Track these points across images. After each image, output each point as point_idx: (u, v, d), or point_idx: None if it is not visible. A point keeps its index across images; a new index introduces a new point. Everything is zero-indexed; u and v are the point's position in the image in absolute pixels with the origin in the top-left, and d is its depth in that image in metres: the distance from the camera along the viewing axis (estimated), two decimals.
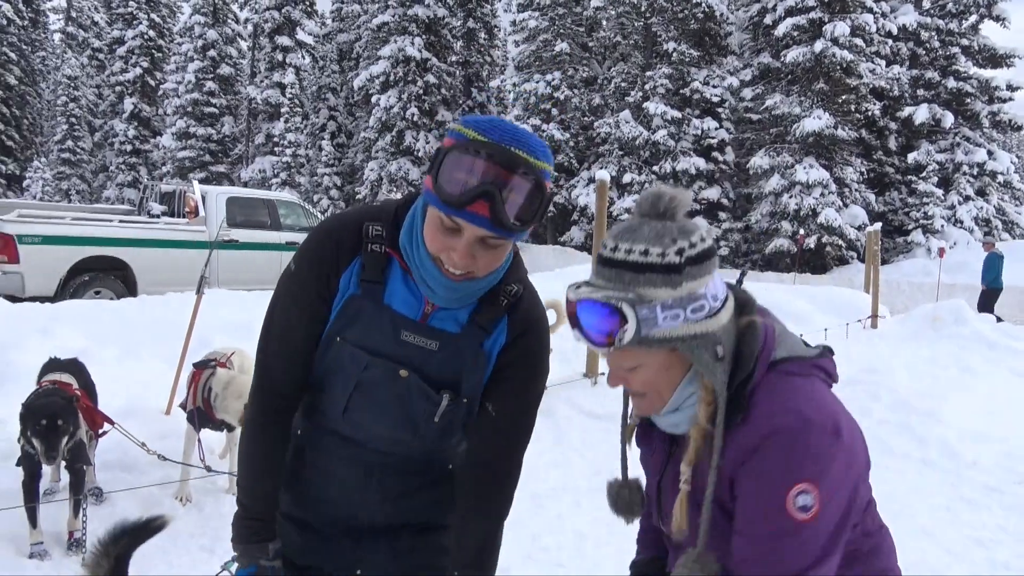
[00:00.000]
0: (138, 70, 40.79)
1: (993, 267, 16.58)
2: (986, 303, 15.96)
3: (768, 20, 27.81)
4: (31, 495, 3.41)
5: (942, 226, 26.40)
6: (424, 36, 34.28)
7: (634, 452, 1.65)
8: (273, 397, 1.67)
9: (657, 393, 1.41)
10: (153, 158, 40.61)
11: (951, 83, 27.68)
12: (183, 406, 4.27)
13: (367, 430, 1.65)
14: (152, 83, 41.09)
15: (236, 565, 2.20)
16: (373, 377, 1.58)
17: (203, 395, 4.10)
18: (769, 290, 13.18)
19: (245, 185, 32.81)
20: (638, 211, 1.38)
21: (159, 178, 35.64)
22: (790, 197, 26.13)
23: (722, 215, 29.33)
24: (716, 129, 28.89)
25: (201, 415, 4.11)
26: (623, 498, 1.60)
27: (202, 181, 17.24)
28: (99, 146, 43.71)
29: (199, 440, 4.16)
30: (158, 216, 11.93)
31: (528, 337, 1.63)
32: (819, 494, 1.27)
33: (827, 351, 1.46)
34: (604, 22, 32.76)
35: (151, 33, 41.12)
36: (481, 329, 1.59)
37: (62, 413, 3.29)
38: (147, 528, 2.03)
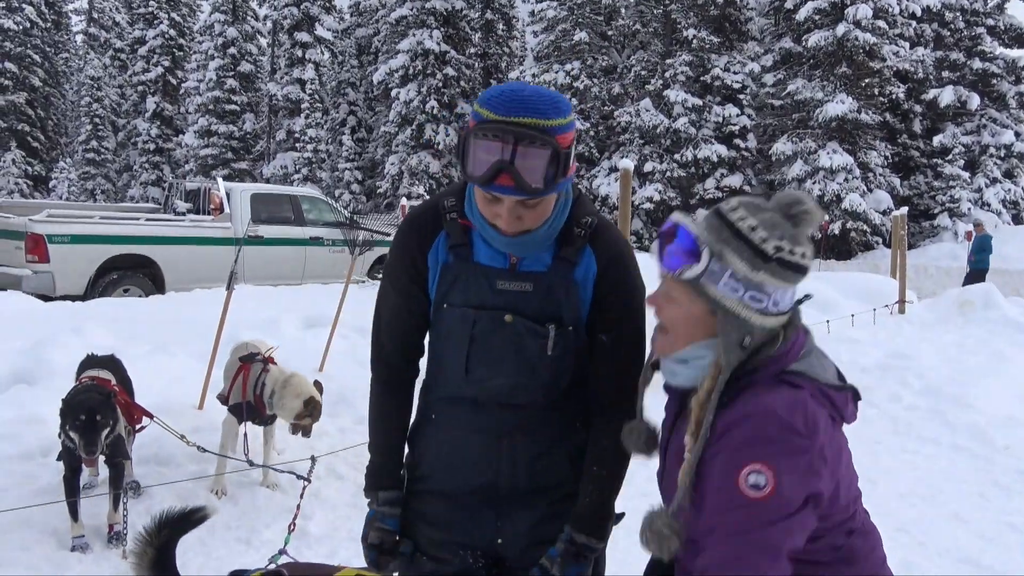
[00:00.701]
0: (160, 69, 41.16)
1: (983, 249, 16.78)
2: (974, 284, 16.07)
3: (789, 4, 27.54)
4: (72, 489, 3.48)
5: (969, 209, 26.07)
6: (442, 29, 34.29)
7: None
8: (388, 368, 1.91)
9: (674, 335, 1.50)
10: (176, 156, 40.98)
11: (977, 64, 27.29)
12: (224, 399, 4.31)
13: (490, 385, 1.76)
14: (174, 82, 41.45)
15: (283, 557, 2.27)
16: (483, 329, 1.72)
17: (255, 391, 4.16)
18: None
19: (267, 181, 33.04)
20: (775, 202, 1.48)
21: (183, 176, 35.96)
22: (814, 183, 25.91)
23: None
24: (738, 116, 28.68)
25: (250, 409, 4.18)
26: (633, 436, 1.68)
27: (225, 178, 17.39)
28: (123, 145, 44.16)
29: (245, 434, 4.23)
30: (184, 214, 12.06)
31: (617, 264, 1.75)
32: (773, 478, 1.32)
33: (851, 389, 1.51)
34: (623, 10, 32.61)
35: (172, 32, 41.45)
36: (567, 262, 1.72)
37: (100, 408, 3.35)
38: (190, 519, 2.08)
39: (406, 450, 1.97)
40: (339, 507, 4.22)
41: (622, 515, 1.91)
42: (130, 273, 10.67)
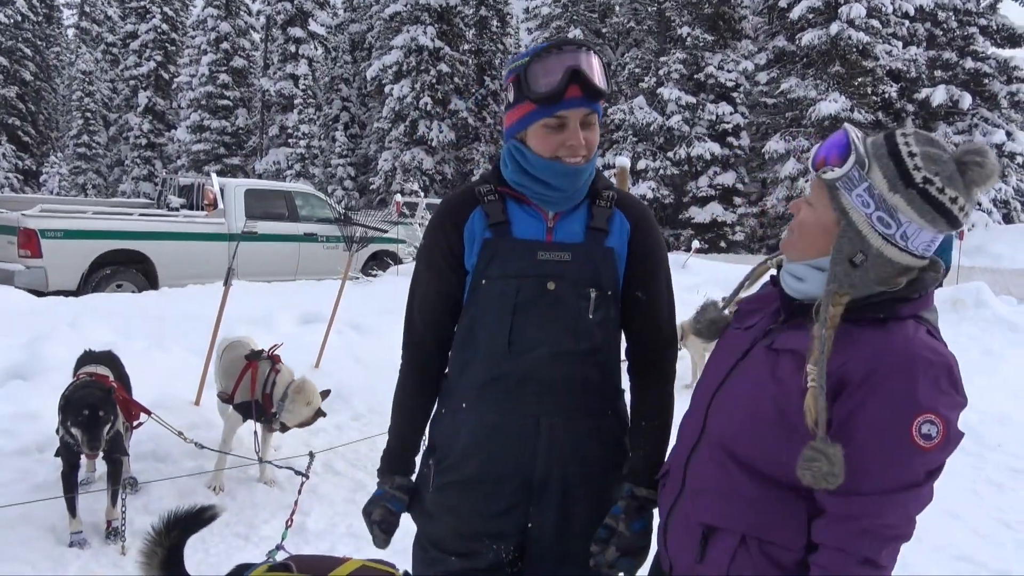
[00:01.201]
0: (152, 64, 40.90)
1: (945, 248, 17.01)
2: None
3: (783, 3, 27.56)
4: (70, 485, 3.48)
5: None
6: (437, 25, 34.22)
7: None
8: (419, 352, 1.95)
9: (800, 239, 1.50)
10: (168, 152, 40.77)
11: (969, 63, 27.37)
12: (228, 398, 4.31)
13: (533, 356, 1.78)
14: (166, 77, 41.21)
15: (280, 552, 2.27)
16: (527, 297, 1.78)
17: (264, 389, 4.16)
18: None
19: (260, 177, 32.93)
20: (959, 149, 1.40)
21: (175, 171, 35.82)
22: (806, 181, 25.98)
23: (737, 200, 29.20)
24: (731, 114, 28.74)
25: (257, 407, 4.19)
26: (708, 313, 1.72)
27: (218, 174, 17.36)
28: (114, 140, 43.94)
29: (256, 432, 4.25)
30: (177, 209, 12.03)
31: (646, 219, 1.92)
32: (944, 430, 1.30)
33: None
34: (617, 7, 32.64)
35: (164, 27, 41.19)
36: (599, 231, 1.83)
37: (102, 404, 3.35)
38: (199, 519, 2.09)
39: (425, 443, 1.98)
40: (336, 503, 4.22)
41: None
42: (123, 269, 10.65)
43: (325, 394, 4.35)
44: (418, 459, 2.00)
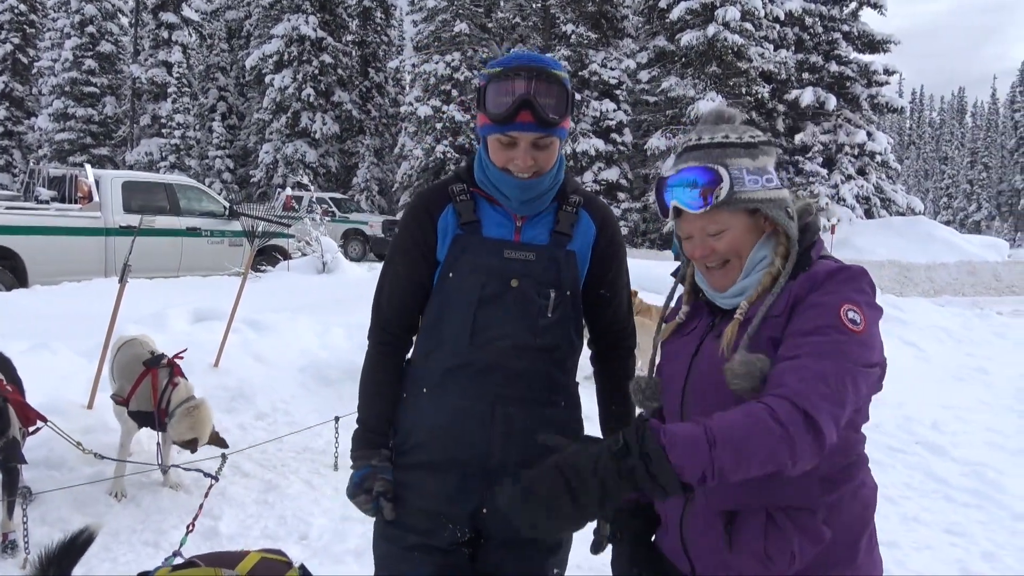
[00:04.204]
0: (8, 47, 38.12)
1: None
2: None
3: (663, 4, 28.37)
4: None
5: (826, 204, 27.69)
6: (319, 15, 33.52)
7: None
8: (386, 334, 2.00)
9: (738, 257, 1.61)
10: (28, 141, 38.23)
11: (833, 67, 28.97)
12: (123, 401, 4.09)
13: (495, 347, 1.87)
14: (24, 61, 38.56)
15: (178, 559, 2.21)
16: (492, 291, 1.87)
17: (163, 405, 3.95)
18: (667, 267, 13.58)
19: (131, 169, 31.37)
20: (705, 122, 1.69)
21: (38, 161, 33.61)
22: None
23: (621, 195, 29.90)
24: (614, 111, 29.36)
25: (152, 417, 3.99)
26: (641, 386, 1.77)
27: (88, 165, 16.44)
28: None
29: (159, 443, 4.05)
30: (48, 202, 11.32)
31: (610, 220, 2.04)
32: (864, 316, 1.47)
33: None
34: (503, 3, 32.78)
35: (22, 7, 38.46)
36: (563, 235, 1.94)
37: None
38: (75, 546, 2.01)
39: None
40: (247, 505, 4.11)
41: None
42: None
43: (221, 443, 4.12)
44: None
